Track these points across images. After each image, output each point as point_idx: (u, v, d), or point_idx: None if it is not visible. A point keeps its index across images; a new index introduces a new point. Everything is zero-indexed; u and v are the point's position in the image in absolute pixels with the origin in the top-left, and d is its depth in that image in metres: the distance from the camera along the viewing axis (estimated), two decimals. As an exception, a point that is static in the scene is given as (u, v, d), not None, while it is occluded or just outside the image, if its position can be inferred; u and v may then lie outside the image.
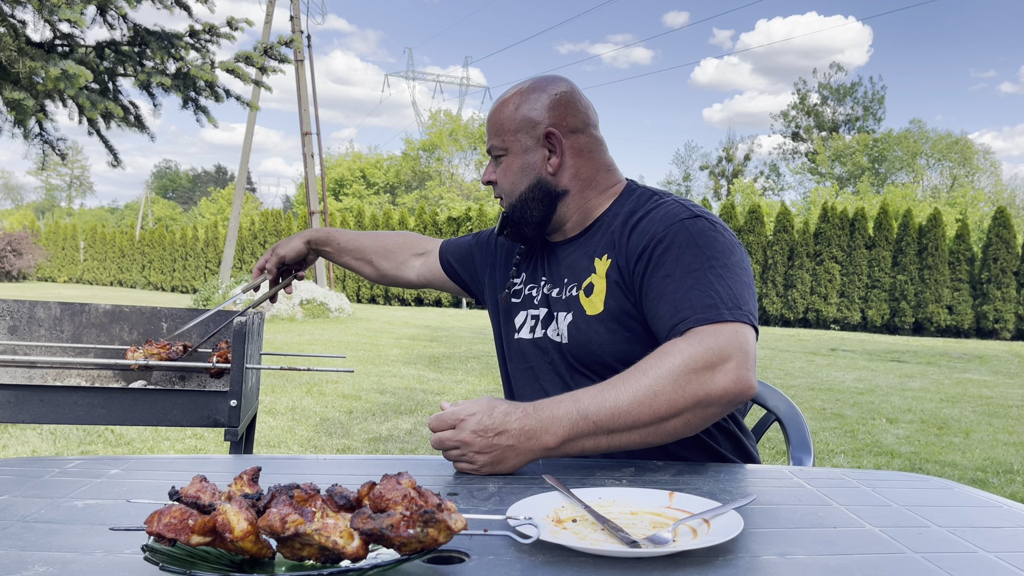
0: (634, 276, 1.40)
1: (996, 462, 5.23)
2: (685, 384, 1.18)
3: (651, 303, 1.35)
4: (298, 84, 19.79)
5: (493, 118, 1.56)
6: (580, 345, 1.45)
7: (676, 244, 1.36)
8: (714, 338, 1.22)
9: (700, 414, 1.20)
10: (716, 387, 1.19)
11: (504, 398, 1.63)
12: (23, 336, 2.26)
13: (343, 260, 1.97)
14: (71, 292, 27.75)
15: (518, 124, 1.52)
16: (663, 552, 0.83)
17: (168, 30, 5.96)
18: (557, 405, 1.20)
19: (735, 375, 1.20)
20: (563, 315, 1.49)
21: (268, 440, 5.17)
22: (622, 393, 1.19)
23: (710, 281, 1.30)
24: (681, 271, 1.33)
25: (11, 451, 4.59)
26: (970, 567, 0.83)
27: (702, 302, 1.27)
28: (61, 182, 76.89)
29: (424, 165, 52.09)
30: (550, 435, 1.18)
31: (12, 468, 1.16)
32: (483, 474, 1.18)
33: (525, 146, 1.52)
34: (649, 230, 1.41)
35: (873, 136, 48.34)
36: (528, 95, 1.53)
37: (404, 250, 1.95)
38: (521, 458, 1.18)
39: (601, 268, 1.46)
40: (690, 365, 1.19)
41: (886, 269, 19.55)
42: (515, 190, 1.54)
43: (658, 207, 1.45)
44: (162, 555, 0.75)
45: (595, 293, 1.45)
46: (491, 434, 1.17)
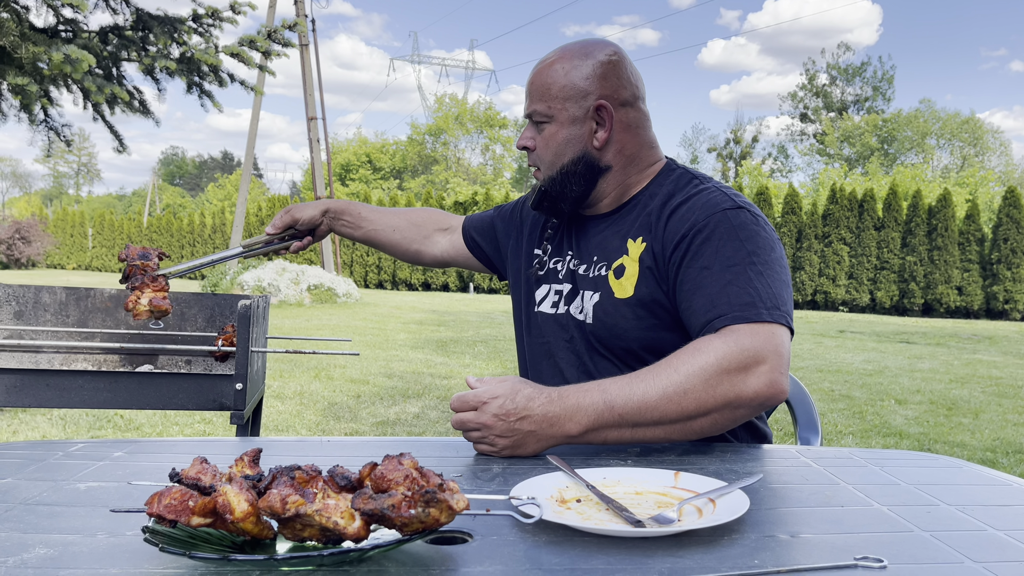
0: (669, 264, 1.35)
1: (1006, 442, 5.21)
2: (716, 384, 1.16)
3: (685, 294, 1.31)
4: (303, 69, 19.74)
5: (538, 81, 1.45)
6: (605, 327, 1.41)
7: (716, 235, 1.31)
8: (750, 338, 1.19)
9: (728, 415, 1.18)
10: (748, 390, 1.17)
11: (519, 373, 1.62)
12: (29, 321, 2.26)
13: (361, 233, 1.82)
14: (80, 279, 27.87)
15: (567, 92, 1.43)
16: (668, 532, 0.82)
17: (171, 14, 5.94)
18: (583, 394, 1.17)
19: (768, 379, 1.17)
20: (589, 294, 1.45)
21: (276, 424, 5.18)
22: (651, 387, 1.16)
23: (750, 277, 1.26)
24: (720, 264, 1.28)
25: (21, 436, 4.62)
26: (979, 545, 0.82)
27: (740, 299, 1.24)
28: (68, 169, 77.07)
29: (430, 150, 52.00)
30: (573, 423, 1.16)
31: (17, 451, 1.16)
32: (502, 457, 1.16)
33: (572, 116, 1.44)
34: (689, 218, 1.35)
35: (882, 116, 47.98)
36: (579, 60, 1.43)
37: (429, 224, 1.86)
38: (542, 444, 1.16)
39: (635, 251, 1.41)
40: (723, 365, 1.16)
41: (895, 250, 19.45)
42: (557, 162, 1.46)
43: (699, 193, 1.39)
44: (163, 536, 0.75)
45: (626, 276, 1.40)
46: (513, 418, 1.15)
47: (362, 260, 26.71)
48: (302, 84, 19.89)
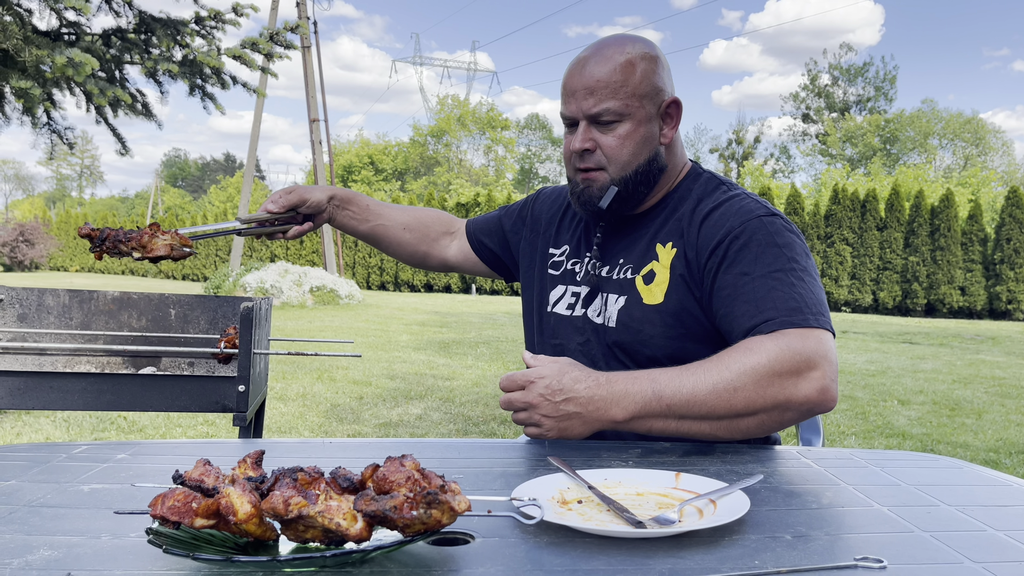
0: (704, 270, 1.34)
1: (1008, 443, 5.21)
2: (767, 385, 1.16)
3: (724, 300, 1.30)
4: (305, 71, 19.76)
5: (608, 78, 1.38)
6: (630, 332, 1.39)
7: (754, 241, 1.31)
8: (802, 343, 1.19)
9: (776, 417, 1.19)
10: (799, 394, 1.17)
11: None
12: (32, 324, 2.27)
13: (367, 227, 1.71)
14: (83, 281, 27.92)
15: (643, 89, 1.39)
16: (669, 532, 0.82)
17: (174, 17, 5.95)
18: (632, 381, 1.18)
19: (820, 385, 1.18)
20: (614, 297, 1.42)
21: (279, 426, 5.19)
22: (701, 381, 1.16)
23: (792, 283, 1.26)
24: (761, 270, 1.28)
25: (25, 438, 4.63)
26: (979, 545, 0.82)
27: (786, 304, 1.24)
28: (71, 172, 77.23)
29: (432, 151, 52.03)
30: (620, 409, 1.16)
31: (21, 453, 1.16)
32: (548, 438, 1.18)
33: (648, 114, 1.40)
34: (724, 224, 1.35)
35: (885, 116, 47.94)
36: (650, 58, 1.41)
37: (438, 225, 1.77)
38: (587, 427, 1.17)
39: (665, 257, 1.40)
40: (775, 367, 1.16)
41: (898, 250, 19.43)
42: (633, 162, 1.41)
43: (731, 199, 1.39)
44: (166, 538, 0.75)
45: (656, 283, 1.38)
46: (558, 398, 1.16)
47: (364, 262, 26.72)
48: (304, 86, 19.91)
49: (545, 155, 62.70)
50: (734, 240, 1.32)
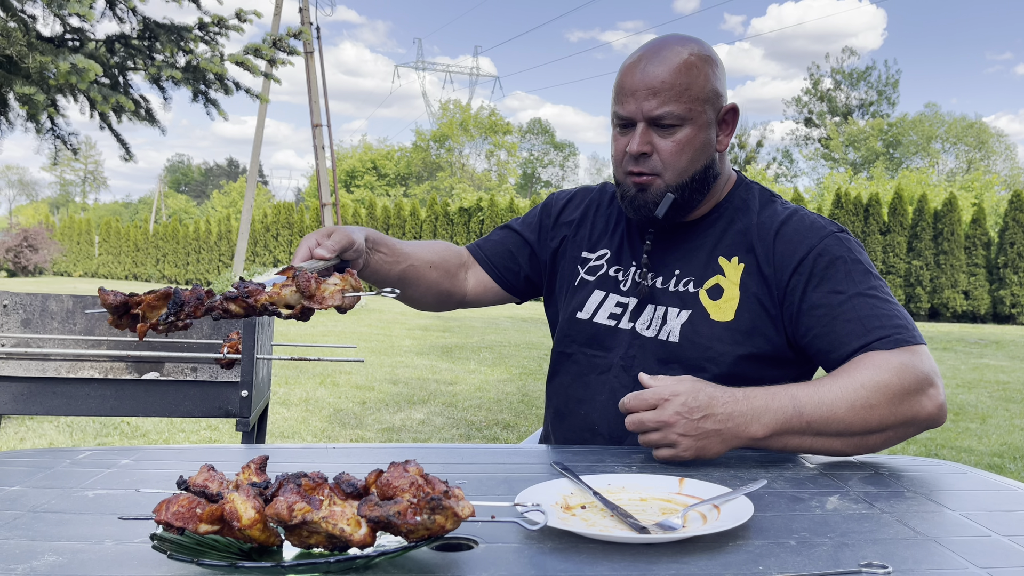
0: (788, 288, 1.32)
1: (1013, 447, 5.19)
2: (899, 403, 1.17)
3: (819, 319, 1.28)
4: (308, 76, 19.80)
5: (673, 79, 1.32)
6: (697, 348, 1.34)
7: (840, 260, 1.31)
8: (919, 360, 1.20)
9: (901, 433, 1.20)
10: (924, 411, 1.19)
11: (549, 383, 1.54)
12: (36, 329, 2.27)
13: (397, 271, 1.47)
14: (86, 286, 27.96)
15: (706, 93, 1.35)
16: (673, 538, 0.82)
17: (177, 23, 5.97)
18: (771, 396, 1.16)
19: (939, 401, 1.20)
20: (675, 311, 1.37)
21: (282, 431, 5.19)
22: (839, 398, 1.16)
23: (887, 300, 1.28)
24: (853, 288, 1.28)
25: (28, 443, 4.64)
26: (984, 550, 0.82)
27: (891, 322, 1.24)
28: (75, 177, 77.43)
29: (435, 156, 52.10)
30: (760, 425, 1.15)
31: (25, 459, 1.17)
32: (683, 459, 1.14)
33: (708, 120, 1.36)
34: (802, 240, 1.33)
35: (887, 120, 47.94)
36: (710, 61, 1.36)
37: (454, 258, 1.58)
38: (725, 445, 1.15)
39: (733, 273, 1.36)
40: (905, 386, 1.18)
41: (901, 254, 19.40)
42: (690, 169, 1.36)
43: (796, 214, 1.38)
44: (171, 544, 0.75)
45: (725, 299, 1.35)
46: (696, 415, 1.13)
47: (367, 266, 26.68)
48: (307, 91, 19.96)
49: (548, 160, 62.74)
50: (818, 258, 1.31)
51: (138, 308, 1.00)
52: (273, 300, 0.97)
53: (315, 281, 1.01)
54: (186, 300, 1.00)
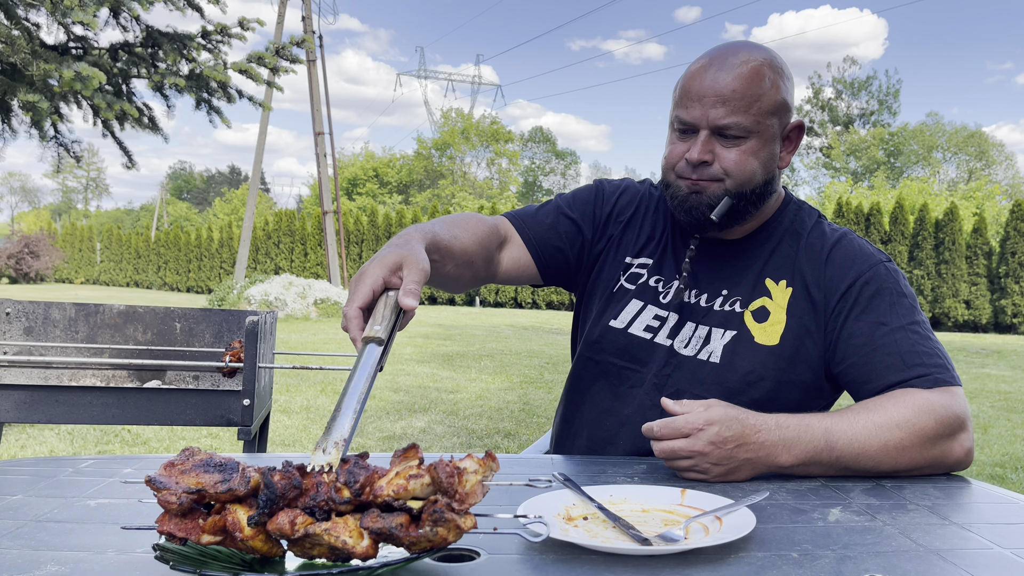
0: (833, 313, 1.30)
1: (1015, 458, 5.18)
2: (931, 447, 1.17)
3: (858, 348, 1.26)
4: (310, 84, 19.86)
5: (742, 89, 1.27)
6: (738, 371, 1.31)
7: (885, 290, 1.29)
8: (955, 403, 1.20)
9: (927, 472, 1.20)
10: (952, 456, 1.19)
11: (568, 392, 1.49)
12: (38, 337, 2.28)
13: (443, 272, 1.33)
14: (88, 293, 27.99)
15: (775, 106, 1.30)
16: (674, 550, 0.82)
17: (180, 31, 6.00)
18: (805, 427, 1.14)
19: (968, 447, 1.20)
20: (719, 332, 1.34)
21: (283, 439, 5.19)
22: (873, 437, 1.15)
23: (928, 337, 1.26)
24: (897, 321, 1.26)
25: (29, 451, 4.64)
26: (987, 563, 0.82)
27: (932, 360, 1.23)
28: (77, 184, 77.57)
29: (437, 164, 52.18)
30: (789, 455, 1.13)
31: (27, 468, 1.17)
32: (711, 482, 1.13)
33: (774, 134, 1.32)
34: (852, 266, 1.31)
35: (888, 130, 48.02)
36: (782, 73, 1.31)
37: (493, 238, 1.44)
38: (754, 471, 1.14)
39: (780, 296, 1.34)
40: (940, 431, 1.17)
41: (902, 264, 19.40)
42: (752, 181, 1.31)
43: (846, 239, 1.36)
44: (173, 554, 0.76)
45: (771, 322, 1.32)
46: (731, 445, 1.11)
47: (368, 274, 26.70)
48: (309, 99, 20.02)
49: (549, 168, 62.82)
50: (865, 285, 1.30)
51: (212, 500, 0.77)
52: (399, 496, 0.75)
53: (458, 474, 0.76)
54: (281, 492, 0.76)
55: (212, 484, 0.77)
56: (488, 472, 0.79)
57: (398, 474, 0.78)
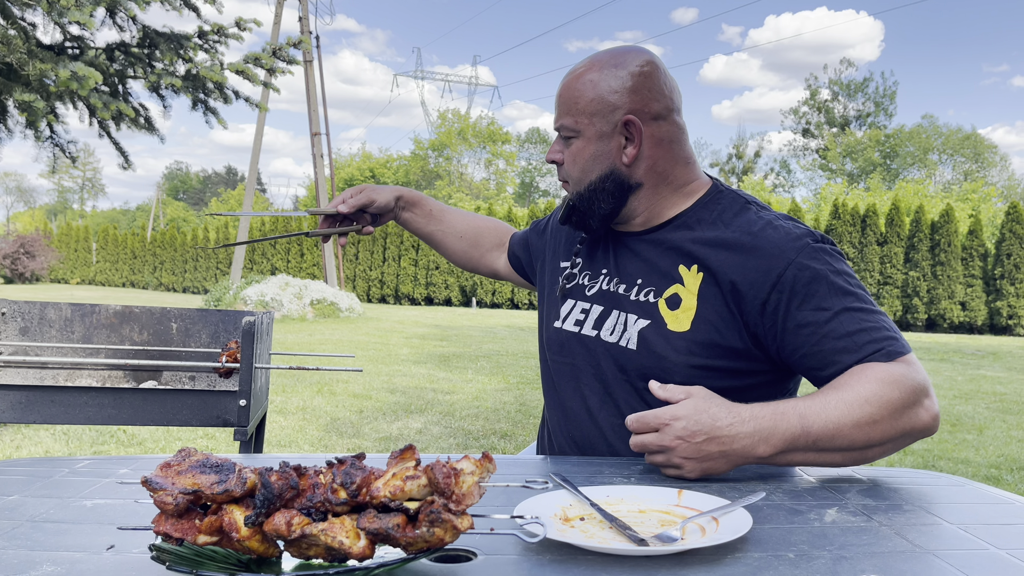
0: (767, 306, 1.28)
1: (1010, 459, 5.19)
2: (900, 416, 1.17)
3: (805, 338, 1.26)
4: (307, 85, 19.85)
5: (566, 94, 1.39)
6: (652, 357, 1.34)
7: (820, 274, 1.27)
8: (915, 372, 1.20)
9: (900, 444, 1.20)
10: (920, 422, 1.19)
11: (543, 392, 1.58)
12: (34, 337, 2.27)
13: (426, 230, 1.81)
14: (84, 293, 27.93)
15: (595, 106, 1.36)
16: (671, 550, 0.82)
17: (177, 31, 5.99)
18: (780, 416, 1.14)
19: (934, 412, 1.21)
20: (634, 319, 1.37)
21: (279, 440, 5.18)
22: (846, 415, 1.15)
23: (872, 311, 1.26)
24: (839, 304, 1.25)
25: (24, 451, 4.62)
26: (982, 564, 0.82)
27: (880, 334, 1.23)
28: (73, 184, 77.43)
29: (433, 165, 52.17)
30: (767, 446, 1.13)
31: (23, 468, 1.16)
32: (690, 479, 1.13)
33: (600, 132, 1.37)
34: (781, 255, 1.29)
35: (884, 132, 48.11)
36: (607, 71, 1.37)
37: (491, 239, 1.83)
38: (731, 464, 1.14)
39: (692, 282, 1.34)
40: (906, 399, 1.17)
41: (898, 265, 19.44)
42: (584, 179, 1.40)
43: (771, 226, 1.33)
44: (169, 554, 0.75)
45: (682, 309, 1.33)
46: (699, 439, 1.11)
47: (365, 275, 26.75)
48: (306, 100, 19.99)
49: (546, 169, 62.82)
50: (798, 273, 1.27)
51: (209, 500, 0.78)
52: (396, 497, 0.76)
53: (454, 475, 0.76)
54: (278, 492, 0.76)
55: (208, 485, 0.77)
56: (485, 473, 0.80)
57: (395, 475, 0.78)
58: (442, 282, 25.71)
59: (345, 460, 0.80)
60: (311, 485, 0.78)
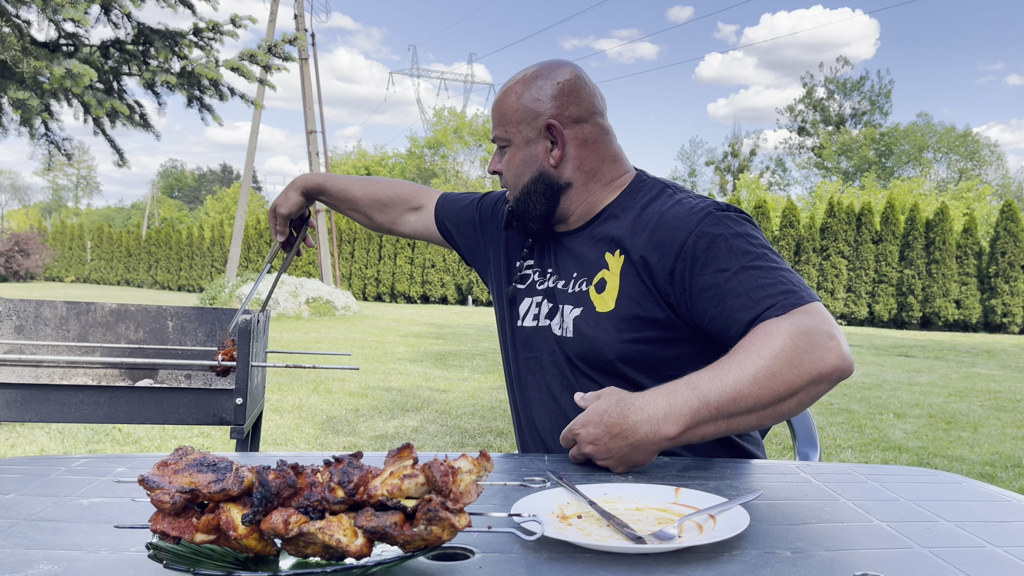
0: (674, 275, 1.34)
1: (1004, 456, 5.21)
2: (800, 363, 1.18)
3: (710, 300, 1.31)
4: (303, 82, 19.81)
5: (497, 107, 1.52)
6: (586, 341, 1.42)
7: (720, 238, 1.32)
8: (811, 319, 1.21)
9: (812, 392, 1.20)
10: (827, 364, 1.19)
11: (506, 385, 1.65)
12: (29, 335, 2.27)
13: (339, 208, 1.94)
14: (78, 292, 27.85)
15: (520, 115, 1.48)
16: (668, 548, 0.82)
17: (172, 28, 5.97)
18: (673, 395, 1.18)
19: (840, 352, 1.21)
20: (569, 308, 1.45)
21: (275, 438, 5.18)
22: (741, 375, 1.17)
23: (771, 268, 1.29)
24: (736, 264, 1.29)
25: (19, 450, 4.61)
26: (978, 561, 0.83)
27: (777, 289, 1.26)
28: (68, 182, 77.19)
29: (429, 163, 52.11)
30: (670, 425, 1.16)
31: (19, 466, 1.16)
32: (621, 472, 1.18)
33: (527, 138, 1.48)
34: (682, 226, 1.35)
35: (879, 130, 48.18)
36: (530, 83, 1.48)
37: (398, 205, 1.90)
38: (647, 453, 1.17)
39: (615, 265, 1.42)
40: (800, 345, 1.18)
41: (893, 264, 19.48)
42: (518, 183, 1.51)
43: (679, 202, 1.41)
44: (167, 553, 0.75)
45: (607, 290, 1.41)
46: (605, 440, 1.16)
47: (360, 273, 26.72)
48: (302, 97, 19.96)
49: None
50: (698, 240, 1.33)
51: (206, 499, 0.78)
52: (394, 495, 0.76)
53: (452, 473, 0.75)
54: (276, 491, 0.76)
55: (206, 484, 0.77)
56: (482, 472, 0.80)
57: (392, 474, 0.78)
58: (438, 280, 25.70)
59: (342, 459, 0.80)
60: (308, 484, 0.78)
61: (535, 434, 1.54)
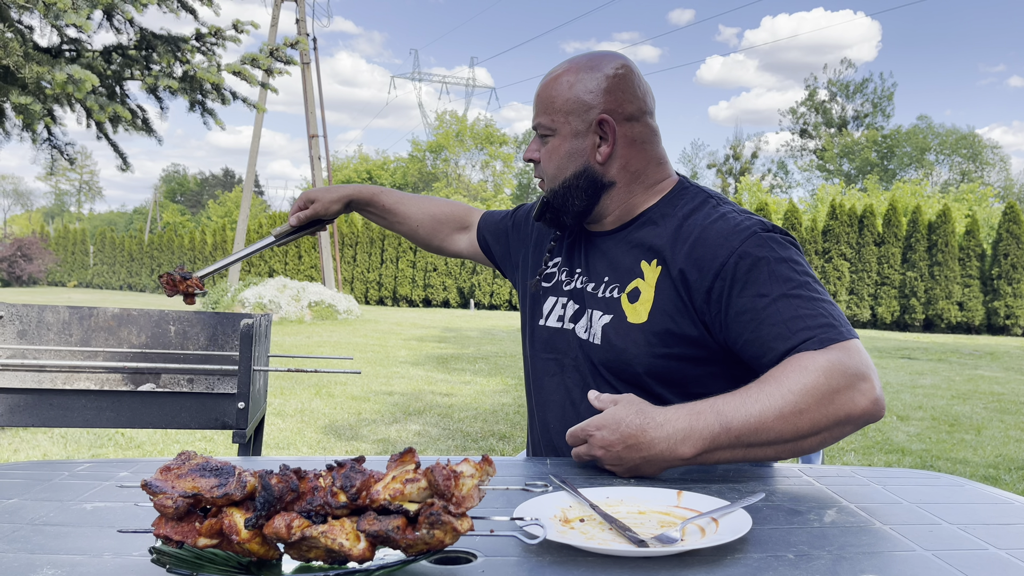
0: (712, 293, 1.30)
1: (1008, 459, 5.20)
2: (829, 403, 1.15)
3: (746, 324, 1.27)
4: (304, 86, 19.84)
5: (543, 93, 1.45)
6: (614, 351, 1.38)
7: (763, 261, 1.28)
8: (848, 357, 1.18)
9: (837, 433, 1.18)
10: (857, 407, 1.16)
11: (525, 387, 1.62)
12: (32, 340, 2.27)
13: (385, 224, 1.89)
14: (81, 296, 27.88)
15: (570, 105, 1.41)
16: (671, 551, 0.82)
17: (174, 33, 5.98)
18: (696, 416, 1.15)
19: (874, 396, 1.17)
20: (599, 314, 1.41)
21: (277, 442, 5.18)
22: (767, 407, 1.14)
23: (813, 298, 1.25)
24: (778, 290, 1.25)
25: (22, 455, 4.62)
26: (981, 564, 0.83)
27: (817, 321, 1.22)
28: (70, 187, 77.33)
29: (431, 166, 52.15)
30: (687, 447, 1.14)
31: (22, 471, 1.16)
32: (624, 477, 1.17)
33: (575, 130, 1.42)
34: (725, 243, 1.31)
35: (882, 132, 48.16)
36: (583, 73, 1.42)
37: (450, 223, 1.87)
38: (657, 468, 1.16)
39: (651, 275, 1.38)
40: (833, 384, 1.15)
41: (896, 266, 19.46)
42: (559, 176, 1.45)
43: (723, 216, 1.36)
44: (170, 557, 0.75)
45: (641, 301, 1.37)
46: (617, 448, 1.15)
47: (363, 277, 26.73)
48: (303, 101, 19.99)
49: (543, 170, 62.62)
50: (739, 260, 1.29)
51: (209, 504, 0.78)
52: (396, 500, 0.76)
53: (454, 477, 0.76)
54: (278, 495, 0.76)
55: (208, 488, 0.77)
56: (485, 476, 0.80)
57: (394, 478, 0.78)
58: (440, 284, 25.71)
59: (345, 463, 0.81)
60: (311, 488, 0.78)
61: (547, 436, 1.51)
